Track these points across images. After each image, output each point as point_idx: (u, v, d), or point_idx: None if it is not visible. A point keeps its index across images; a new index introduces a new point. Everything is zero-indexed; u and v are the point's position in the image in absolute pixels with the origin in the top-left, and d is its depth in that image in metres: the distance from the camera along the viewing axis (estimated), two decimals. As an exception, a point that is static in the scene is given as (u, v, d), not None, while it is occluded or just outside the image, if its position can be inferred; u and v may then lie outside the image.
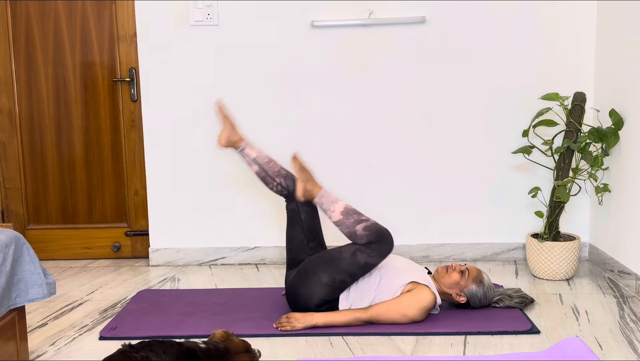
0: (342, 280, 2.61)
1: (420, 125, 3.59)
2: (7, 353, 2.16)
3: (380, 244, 2.58)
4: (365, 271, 2.62)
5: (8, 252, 2.09)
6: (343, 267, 2.60)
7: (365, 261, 2.59)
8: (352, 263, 2.59)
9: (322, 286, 2.61)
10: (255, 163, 2.79)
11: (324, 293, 2.62)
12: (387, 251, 2.60)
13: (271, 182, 2.80)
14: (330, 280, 2.60)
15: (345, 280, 2.61)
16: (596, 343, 2.41)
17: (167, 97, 3.63)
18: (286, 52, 3.56)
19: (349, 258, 2.60)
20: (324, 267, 2.62)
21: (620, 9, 3.18)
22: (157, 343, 1.89)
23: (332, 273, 2.61)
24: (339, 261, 2.61)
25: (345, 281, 2.62)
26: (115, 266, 3.74)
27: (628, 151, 3.10)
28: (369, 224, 2.61)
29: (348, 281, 2.62)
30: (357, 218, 2.63)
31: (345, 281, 2.62)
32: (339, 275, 2.60)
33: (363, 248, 2.59)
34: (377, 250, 2.58)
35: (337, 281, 2.61)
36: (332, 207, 2.66)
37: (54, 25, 3.68)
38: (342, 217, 2.63)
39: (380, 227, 2.62)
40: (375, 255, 2.58)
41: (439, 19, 3.50)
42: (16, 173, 3.83)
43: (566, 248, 3.20)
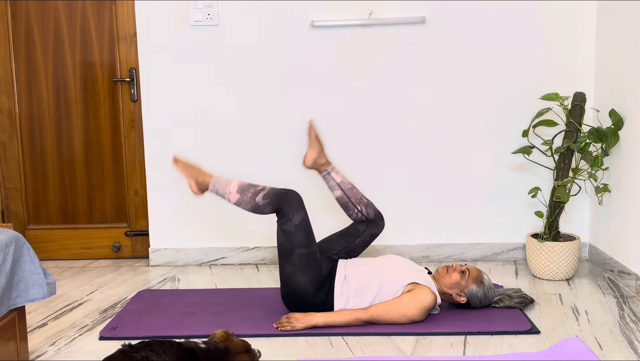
0: (301, 254, 2.62)
1: (420, 125, 3.59)
2: (7, 353, 2.16)
3: (288, 203, 2.61)
4: (306, 230, 2.63)
5: (8, 252, 2.09)
6: (289, 246, 2.62)
7: (295, 225, 2.61)
8: (290, 236, 2.62)
9: (297, 272, 2.62)
10: (339, 188, 2.81)
11: (305, 277, 2.62)
12: (297, 202, 2.62)
13: (353, 208, 2.82)
14: (296, 262, 2.62)
15: (305, 253, 2.63)
16: (596, 343, 2.41)
17: (167, 97, 3.63)
18: (286, 52, 3.56)
19: (284, 237, 2.63)
20: (282, 260, 2.65)
21: (620, 9, 3.18)
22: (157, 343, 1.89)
23: (292, 257, 2.62)
24: (283, 245, 2.63)
25: (307, 253, 2.63)
26: (115, 266, 3.74)
27: (628, 151, 3.10)
28: (266, 191, 2.65)
29: (308, 250, 2.63)
30: (254, 191, 2.66)
31: (307, 253, 2.63)
32: (295, 254, 2.62)
33: (279, 220, 2.63)
34: (290, 210, 2.61)
35: (302, 259, 2.62)
36: (227, 189, 2.69)
37: (54, 25, 3.68)
38: (240, 195, 2.67)
39: (277, 189, 2.65)
40: (294, 213, 2.61)
41: (439, 19, 3.50)
42: (16, 173, 3.83)
43: (566, 248, 3.20)
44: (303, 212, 2.64)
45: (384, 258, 2.79)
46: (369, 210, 2.82)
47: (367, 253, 3.66)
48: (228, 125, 3.63)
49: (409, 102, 3.58)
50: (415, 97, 3.57)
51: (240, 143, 3.64)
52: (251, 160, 3.64)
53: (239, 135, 3.63)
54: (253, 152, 3.64)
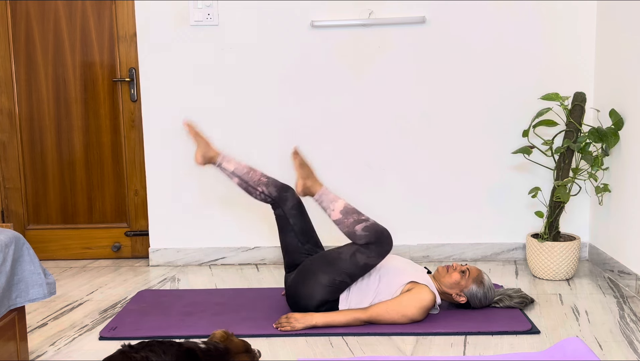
0: (341, 280, 2.61)
1: (420, 125, 3.59)
2: (7, 353, 2.16)
3: (380, 244, 2.58)
4: (365, 271, 2.62)
5: (8, 252, 2.09)
6: (342, 268, 2.60)
7: (365, 262, 2.59)
8: (352, 264, 2.59)
9: (321, 287, 2.61)
10: (235, 175, 2.77)
11: (324, 294, 2.62)
12: (386, 252, 2.60)
13: (254, 191, 2.78)
14: (330, 281, 2.61)
15: (344, 281, 2.61)
16: (596, 343, 2.41)
17: (167, 97, 3.63)
18: (286, 52, 3.56)
19: (348, 259, 2.60)
20: (323, 269, 2.62)
21: (620, 9, 3.18)
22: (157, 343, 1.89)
23: (331, 275, 2.61)
24: (338, 262, 2.61)
25: (344, 282, 2.62)
26: (115, 266, 3.74)
27: (628, 151, 3.10)
28: (369, 224, 2.61)
29: (347, 281, 2.62)
30: (357, 218, 2.62)
31: (345, 282, 2.62)
32: (338, 276, 2.60)
33: (362, 248, 2.59)
34: (375, 251, 2.58)
35: (336, 282, 2.61)
36: (331, 205, 2.66)
37: (54, 25, 3.68)
38: (342, 216, 2.63)
39: (380, 227, 2.61)
40: (374, 255, 2.58)
41: (439, 19, 3.50)
42: (16, 173, 3.83)
43: (566, 248, 3.20)
44: (379, 260, 2.61)
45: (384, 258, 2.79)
46: (269, 188, 2.76)
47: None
48: (228, 125, 3.63)
49: (409, 102, 3.58)
50: (415, 97, 3.57)
51: (240, 143, 3.64)
52: (251, 160, 3.64)
53: (239, 135, 3.63)
54: (253, 152, 3.64)
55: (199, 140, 2.78)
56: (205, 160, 2.78)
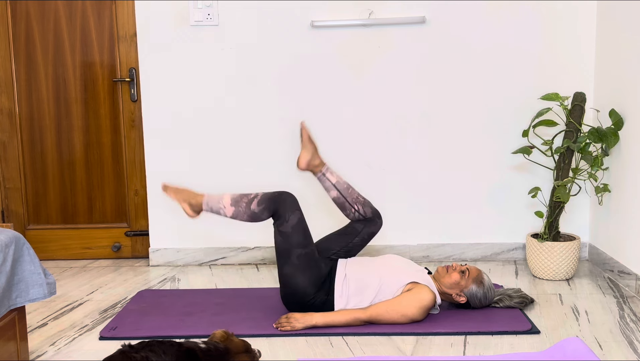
0: (299, 255, 2.63)
1: (420, 125, 3.59)
2: (7, 353, 2.16)
3: (283, 204, 2.61)
4: (303, 230, 2.64)
5: (8, 252, 2.09)
6: (288, 247, 2.63)
7: (292, 226, 2.61)
8: (288, 238, 2.62)
9: (296, 273, 2.62)
10: (335, 188, 2.79)
11: (305, 277, 2.62)
12: (293, 201, 2.62)
13: (350, 208, 2.80)
14: (295, 263, 2.62)
15: (303, 253, 2.63)
16: (596, 343, 2.41)
17: (167, 97, 3.63)
18: (286, 52, 3.56)
19: (281, 239, 2.63)
20: (281, 261, 2.65)
21: (620, 9, 3.18)
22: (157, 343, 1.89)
23: (290, 259, 2.63)
24: (282, 246, 2.64)
25: (305, 254, 2.63)
26: (115, 266, 3.74)
27: (628, 151, 3.10)
28: (259, 198, 2.65)
29: (306, 251, 2.63)
30: (247, 200, 2.66)
31: (305, 253, 2.63)
32: (294, 255, 2.63)
33: (276, 222, 2.64)
34: (285, 212, 2.61)
35: (302, 259, 2.62)
36: (220, 205, 2.69)
37: (54, 25, 3.68)
38: (235, 208, 2.66)
39: (270, 193, 2.66)
40: (289, 215, 2.61)
41: (439, 19, 3.50)
42: (16, 173, 3.83)
43: (566, 248, 3.20)
44: (299, 212, 2.65)
45: (384, 258, 2.79)
46: (366, 209, 2.81)
47: (367, 253, 3.66)
48: (228, 125, 3.63)
49: (409, 102, 3.58)
50: (415, 97, 3.57)
51: (240, 144, 3.64)
52: (251, 160, 3.65)
53: (239, 135, 3.63)
54: (253, 152, 3.64)
55: (309, 144, 2.78)
56: (309, 167, 2.80)
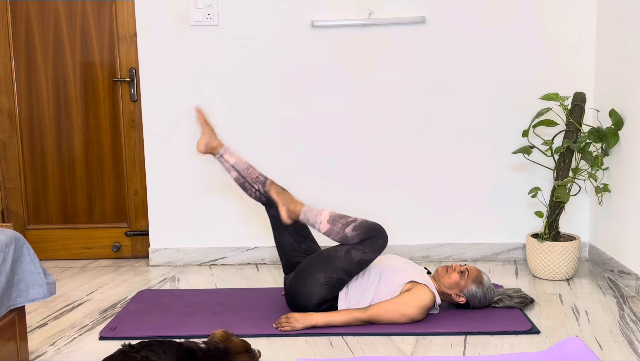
0: (338, 278, 2.61)
1: (420, 125, 3.59)
2: (7, 353, 2.16)
3: (373, 239, 2.58)
4: (362, 267, 2.62)
5: (8, 252, 2.09)
6: (339, 266, 2.60)
7: (360, 258, 2.59)
8: (348, 261, 2.59)
9: (319, 286, 2.61)
10: (234, 169, 2.78)
11: (322, 292, 2.62)
12: (381, 245, 2.59)
13: (250, 188, 2.79)
14: (327, 279, 2.61)
15: (342, 278, 2.61)
16: (596, 343, 2.41)
17: (167, 97, 3.63)
18: (286, 52, 3.56)
19: (343, 256, 2.60)
20: (320, 267, 2.62)
21: (620, 9, 3.18)
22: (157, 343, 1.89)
23: (328, 273, 2.61)
24: (335, 260, 2.61)
25: (342, 280, 2.62)
26: (115, 266, 3.74)
27: (628, 151, 3.10)
28: (357, 223, 2.61)
29: (345, 279, 2.62)
30: (345, 222, 2.63)
31: (343, 279, 2.62)
32: (335, 273, 2.61)
33: (357, 245, 2.59)
34: (370, 246, 2.58)
35: (334, 280, 2.61)
36: (317, 219, 2.66)
37: (54, 25, 3.68)
38: (330, 225, 2.63)
39: (370, 223, 2.61)
40: (369, 250, 2.58)
41: (439, 19, 3.50)
42: (16, 173, 3.83)
43: (566, 248, 3.20)
44: (375, 255, 2.61)
45: (384, 258, 2.79)
46: (266, 188, 2.79)
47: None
48: (228, 125, 3.63)
49: (409, 102, 3.58)
50: (415, 97, 3.57)
51: (240, 143, 3.64)
52: (250, 160, 3.64)
53: (239, 135, 3.63)
54: (253, 152, 3.64)
55: (205, 127, 2.78)
56: (208, 149, 2.79)
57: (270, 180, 2.78)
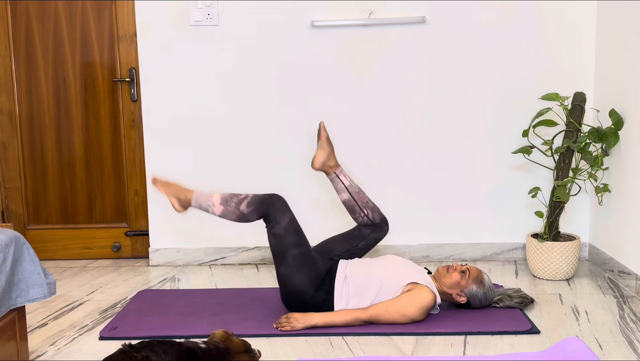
0: (295, 255, 2.63)
1: (420, 125, 3.59)
2: (7, 353, 2.16)
3: (272, 207, 2.61)
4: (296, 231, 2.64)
5: (8, 252, 2.09)
6: (284, 245, 2.63)
7: (284, 228, 2.61)
8: (280, 237, 2.63)
9: (293, 271, 2.62)
10: (347, 191, 2.79)
11: (302, 275, 2.62)
12: (282, 205, 2.62)
13: (359, 212, 2.80)
14: (291, 264, 2.63)
15: (298, 253, 2.63)
16: (596, 343, 2.41)
17: (167, 97, 3.63)
18: (286, 52, 3.56)
19: (273, 238, 2.64)
20: (278, 259, 2.66)
21: (620, 9, 3.18)
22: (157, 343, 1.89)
23: (286, 258, 2.63)
24: (275, 247, 2.65)
25: (300, 254, 2.63)
26: (115, 266, 3.74)
27: (628, 151, 3.10)
28: (250, 199, 2.65)
29: (301, 251, 2.63)
30: (237, 200, 2.65)
31: (300, 253, 2.63)
32: (288, 253, 2.63)
33: (268, 225, 2.64)
34: (275, 214, 2.61)
35: (296, 258, 2.62)
36: (209, 202, 2.69)
37: (54, 25, 3.68)
38: (224, 207, 2.66)
39: (259, 195, 2.66)
40: (280, 218, 2.61)
41: (439, 19, 3.50)
42: (16, 173, 3.83)
43: (566, 248, 3.20)
44: (289, 213, 2.65)
45: (384, 259, 2.79)
46: (374, 214, 2.81)
47: (368, 253, 3.66)
48: (228, 125, 3.63)
49: (408, 102, 3.58)
50: (415, 97, 3.57)
51: (240, 143, 3.64)
52: (251, 160, 3.65)
53: (239, 135, 3.63)
54: (253, 152, 3.64)
55: (327, 145, 2.77)
56: (324, 167, 2.79)
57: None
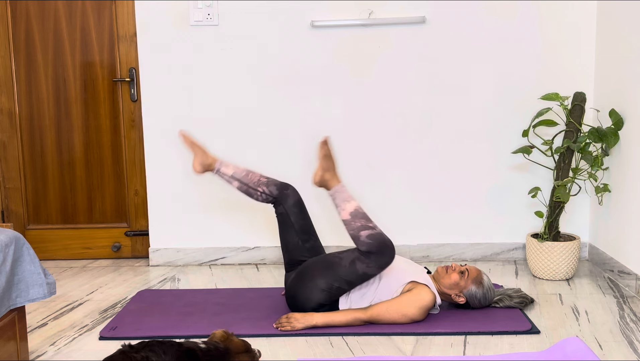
0: (339, 287, 2.60)
1: (420, 125, 3.59)
2: (7, 353, 2.16)
3: (381, 255, 2.55)
4: (363, 280, 2.60)
5: (8, 252, 2.09)
6: (341, 275, 2.59)
7: (364, 271, 2.57)
8: (350, 272, 2.58)
9: (319, 291, 2.61)
10: (234, 179, 2.77)
11: (321, 298, 2.62)
12: (386, 263, 2.56)
13: (254, 192, 2.77)
14: (328, 286, 2.60)
15: (342, 287, 2.61)
16: (596, 343, 2.41)
17: (167, 97, 3.63)
18: (286, 52, 3.56)
19: (347, 265, 2.58)
20: (322, 273, 2.62)
21: (620, 9, 3.18)
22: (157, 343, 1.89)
23: (329, 280, 2.60)
24: (338, 268, 2.60)
25: (341, 288, 2.61)
26: (115, 266, 3.74)
27: (628, 151, 3.10)
28: (374, 233, 2.58)
29: (345, 288, 2.61)
30: (364, 224, 2.60)
31: (342, 288, 2.61)
32: (336, 282, 2.60)
33: (362, 257, 2.56)
34: (375, 261, 2.56)
35: (334, 288, 2.60)
36: (343, 205, 2.65)
37: (54, 25, 3.68)
38: (350, 218, 2.61)
39: (385, 237, 2.57)
40: (373, 265, 2.56)
41: (439, 19, 3.50)
42: (16, 173, 3.83)
43: (566, 248, 3.20)
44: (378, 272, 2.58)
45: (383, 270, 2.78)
46: (270, 188, 2.77)
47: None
48: (228, 125, 3.63)
49: (408, 102, 3.58)
50: (415, 97, 3.57)
51: (240, 143, 3.64)
52: (250, 160, 3.64)
53: (239, 135, 3.63)
54: (252, 152, 3.64)
55: (195, 149, 2.76)
56: (204, 167, 2.77)
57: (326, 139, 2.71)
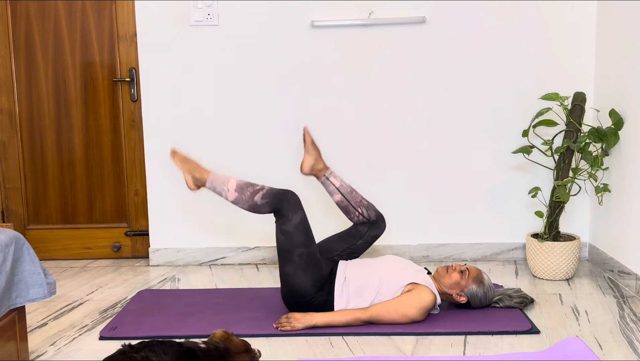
0: (299, 254, 2.62)
1: (420, 125, 3.59)
2: (7, 353, 2.16)
3: (286, 203, 2.60)
4: (306, 230, 2.63)
5: (8, 252, 2.09)
6: (292, 243, 2.61)
7: (295, 225, 2.60)
8: (289, 235, 2.61)
9: (298, 270, 2.62)
10: (339, 192, 2.79)
11: (306, 275, 2.62)
12: (296, 203, 2.61)
13: (353, 211, 2.80)
14: (296, 263, 2.62)
15: (301, 252, 2.62)
16: (596, 343, 2.41)
17: (167, 97, 3.63)
18: (286, 52, 3.56)
19: (282, 235, 2.62)
20: (284, 256, 2.64)
21: (620, 9, 3.18)
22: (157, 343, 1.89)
23: (292, 256, 2.62)
24: (283, 244, 2.63)
25: (303, 253, 2.62)
26: (115, 266, 3.74)
27: (628, 151, 3.10)
28: (265, 191, 2.64)
29: (303, 251, 2.62)
30: (253, 190, 2.65)
31: (302, 252, 2.62)
32: (295, 252, 2.61)
33: (278, 220, 2.62)
34: (289, 210, 2.60)
35: (303, 257, 2.62)
36: (224, 187, 2.68)
37: (54, 25, 3.68)
38: (238, 194, 2.66)
39: (275, 189, 2.64)
40: (292, 215, 2.60)
41: (439, 19, 3.50)
42: (16, 173, 3.83)
43: (566, 248, 3.20)
44: (302, 212, 2.64)
45: (384, 259, 2.79)
46: (369, 212, 2.81)
47: (367, 253, 3.66)
48: (228, 125, 3.63)
49: (409, 102, 3.58)
50: (415, 97, 3.57)
51: (240, 144, 3.64)
52: (250, 160, 3.65)
53: (239, 136, 3.63)
54: (252, 153, 3.64)
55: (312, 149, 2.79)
56: (313, 171, 2.80)
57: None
